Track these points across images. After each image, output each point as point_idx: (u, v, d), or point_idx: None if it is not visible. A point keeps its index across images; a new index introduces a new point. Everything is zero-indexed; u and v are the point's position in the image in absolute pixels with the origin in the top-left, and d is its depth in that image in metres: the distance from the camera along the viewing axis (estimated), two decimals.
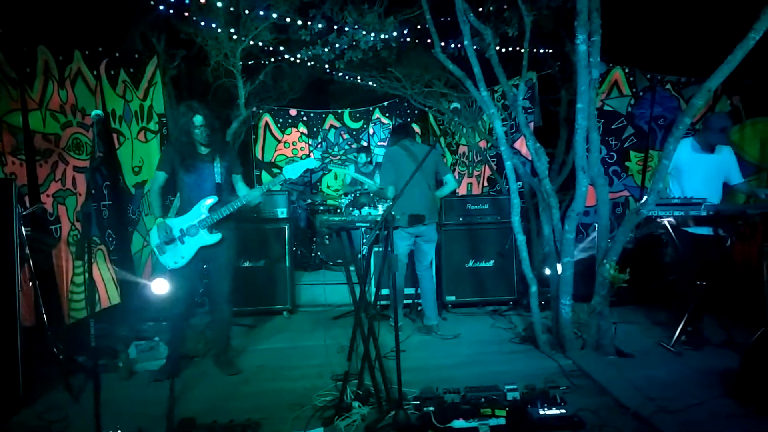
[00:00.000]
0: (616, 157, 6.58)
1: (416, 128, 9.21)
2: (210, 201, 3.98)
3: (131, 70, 5.83)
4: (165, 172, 4.06)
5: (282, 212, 5.86)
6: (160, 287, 4.92)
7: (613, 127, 6.56)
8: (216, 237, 3.99)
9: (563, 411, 3.12)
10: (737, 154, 4.71)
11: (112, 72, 5.59)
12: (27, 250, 3.80)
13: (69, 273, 4.75)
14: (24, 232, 3.75)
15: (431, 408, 3.19)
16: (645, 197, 4.09)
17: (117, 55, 5.66)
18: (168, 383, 3.58)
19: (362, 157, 7.70)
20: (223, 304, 4.22)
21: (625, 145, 6.58)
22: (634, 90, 6.54)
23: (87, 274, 2.91)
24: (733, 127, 5.79)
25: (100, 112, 3.24)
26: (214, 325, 4.38)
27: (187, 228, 3.98)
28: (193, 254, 4.00)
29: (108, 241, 5.41)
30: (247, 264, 5.77)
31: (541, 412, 3.11)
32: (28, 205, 4.30)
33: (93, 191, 3.17)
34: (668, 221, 4.40)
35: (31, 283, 3.90)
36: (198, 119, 3.91)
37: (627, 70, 6.55)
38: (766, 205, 4.24)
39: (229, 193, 4.17)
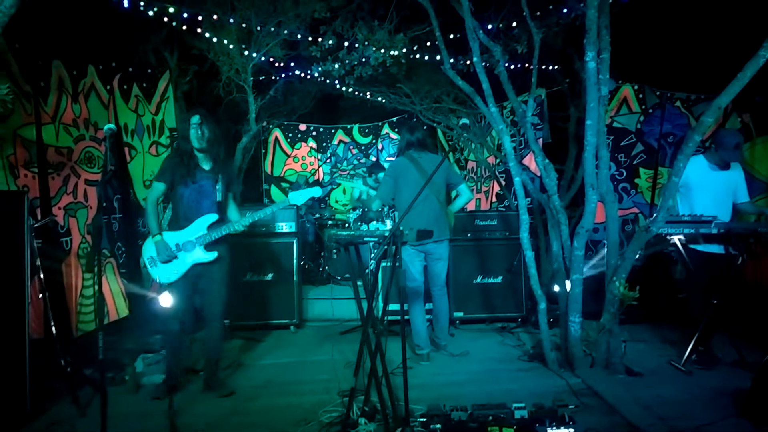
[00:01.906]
0: (625, 174, 6.56)
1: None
2: (211, 219, 3.94)
3: (144, 84, 5.91)
4: (165, 183, 3.96)
5: (290, 226, 5.87)
6: (168, 300, 4.94)
7: (622, 144, 6.56)
8: (212, 255, 3.93)
9: (572, 430, 3.08)
10: (748, 172, 4.69)
11: (125, 86, 5.67)
12: (38, 262, 3.83)
13: (78, 285, 4.78)
14: (35, 244, 3.78)
15: (438, 426, 3.16)
16: (655, 214, 4.07)
17: (130, 69, 5.74)
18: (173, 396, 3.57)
19: (381, 175, 7.60)
20: (216, 322, 4.11)
21: (635, 162, 6.56)
22: (643, 107, 6.55)
23: (96, 287, 2.93)
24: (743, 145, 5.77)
25: (113, 126, 3.26)
26: (204, 343, 4.19)
27: (183, 243, 3.90)
28: (186, 270, 3.92)
29: (118, 254, 5.45)
30: (254, 278, 5.77)
31: (549, 430, 3.07)
32: (39, 217, 4.35)
33: (104, 204, 3.19)
34: (678, 239, 4.37)
35: (41, 295, 3.92)
36: (195, 118, 3.88)
37: (636, 87, 6.56)
38: None
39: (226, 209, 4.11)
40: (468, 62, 5.93)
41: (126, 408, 3.73)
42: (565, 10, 5.26)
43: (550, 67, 6.79)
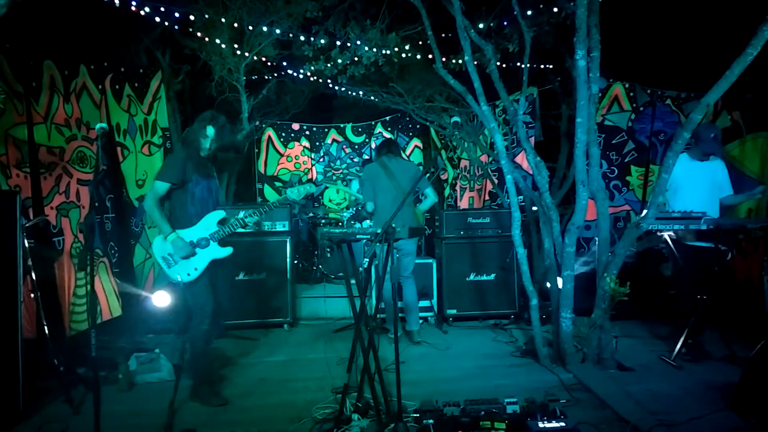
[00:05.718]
0: (617, 171, 6.60)
1: (417, 141, 9.36)
2: (220, 215, 3.91)
3: (136, 84, 5.90)
4: (170, 183, 3.77)
5: (284, 225, 5.88)
6: (161, 300, 4.94)
7: (613, 141, 6.59)
8: (228, 250, 3.90)
9: (563, 424, 3.10)
10: (738, 169, 4.73)
11: (117, 86, 5.67)
12: (30, 262, 3.82)
13: (71, 285, 4.77)
14: (27, 244, 3.78)
15: (431, 421, 3.19)
16: (645, 211, 4.11)
17: (122, 69, 5.74)
18: (166, 395, 3.58)
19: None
20: (221, 320, 4.14)
21: (626, 160, 6.60)
22: (634, 105, 6.58)
23: (89, 286, 2.93)
24: (733, 142, 5.83)
25: (105, 125, 3.27)
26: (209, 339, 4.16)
27: (198, 240, 3.83)
28: (206, 266, 3.84)
29: (110, 254, 5.44)
30: (247, 277, 5.78)
31: (541, 425, 3.09)
32: (31, 217, 4.34)
33: (96, 204, 3.19)
34: (668, 235, 4.42)
35: (33, 295, 3.91)
36: (210, 131, 3.86)
37: (627, 86, 6.59)
38: (766, 220, 4.25)
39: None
40: (460, 61, 5.96)
41: (119, 406, 3.73)
42: (555, 9, 5.28)
43: (542, 66, 6.82)
